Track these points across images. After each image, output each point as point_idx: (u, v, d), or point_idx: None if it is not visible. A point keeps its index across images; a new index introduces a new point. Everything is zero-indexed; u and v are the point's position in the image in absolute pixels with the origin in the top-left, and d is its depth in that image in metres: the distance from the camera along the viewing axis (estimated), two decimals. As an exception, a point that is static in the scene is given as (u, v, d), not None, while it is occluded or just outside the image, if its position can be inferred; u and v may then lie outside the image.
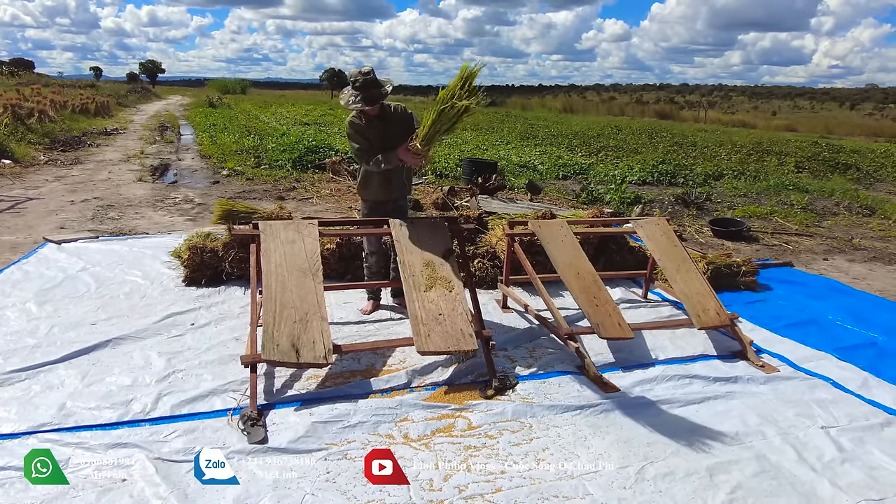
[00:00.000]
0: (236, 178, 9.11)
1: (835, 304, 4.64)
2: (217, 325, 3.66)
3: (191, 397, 2.79)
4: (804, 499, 2.31)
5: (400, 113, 3.65)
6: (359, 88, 3.42)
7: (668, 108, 43.00)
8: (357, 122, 3.60)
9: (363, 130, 3.59)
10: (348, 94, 3.47)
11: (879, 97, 76.06)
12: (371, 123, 3.58)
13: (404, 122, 3.63)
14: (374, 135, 3.58)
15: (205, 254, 4.35)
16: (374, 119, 3.57)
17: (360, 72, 3.45)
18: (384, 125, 3.59)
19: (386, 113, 3.60)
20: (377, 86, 3.47)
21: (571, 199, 8.71)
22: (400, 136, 3.55)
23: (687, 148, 16.48)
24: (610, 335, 3.35)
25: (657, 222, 4.26)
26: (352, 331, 3.71)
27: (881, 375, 3.41)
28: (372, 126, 3.58)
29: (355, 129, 3.60)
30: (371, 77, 3.44)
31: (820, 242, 6.91)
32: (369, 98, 3.42)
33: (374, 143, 3.58)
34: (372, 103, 3.44)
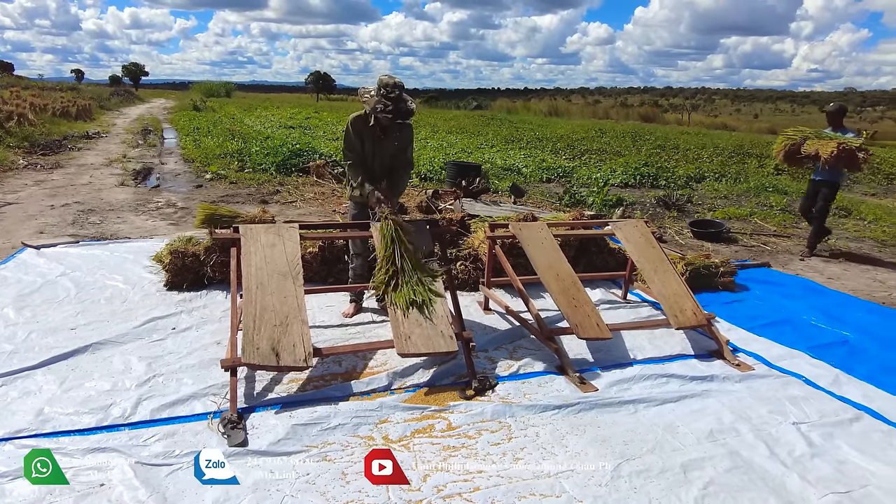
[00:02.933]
0: (219, 182, 9.08)
1: (809, 303, 4.73)
2: (198, 329, 3.66)
3: (171, 401, 2.79)
4: (774, 493, 2.37)
5: (403, 128, 3.67)
6: (392, 100, 3.42)
7: (651, 111, 43.44)
8: (360, 122, 3.62)
9: (361, 133, 3.61)
10: (375, 100, 3.46)
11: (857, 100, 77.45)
12: (373, 129, 3.61)
13: (402, 137, 3.70)
14: (370, 140, 3.63)
15: (186, 258, 4.34)
16: (378, 127, 3.59)
17: (395, 83, 3.45)
18: (384, 137, 3.64)
19: (394, 126, 3.61)
20: (406, 101, 3.50)
21: (554, 202, 8.79)
22: (393, 150, 3.67)
23: (670, 150, 16.67)
24: (588, 335, 3.41)
25: (636, 224, 4.33)
26: (333, 334, 3.72)
27: (852, 372, 3.49)
28: (373, 131, 3.62)
29: (355, 130, 3.62)
30: (403, 91, 3.48)
31: (797, 243, 7.04)
32: (398, 112, 3.45)
33: (366, 149, 3.65)
34: (401, 117, 3.48)
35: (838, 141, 5.93)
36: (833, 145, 5.88)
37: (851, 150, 5.84)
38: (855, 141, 5.95)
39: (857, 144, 5.89)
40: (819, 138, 6.14)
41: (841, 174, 6.29)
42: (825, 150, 5.92)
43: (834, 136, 6.08)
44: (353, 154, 3.65)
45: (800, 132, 6.43)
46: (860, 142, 5.95)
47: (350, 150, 3.66)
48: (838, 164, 5.96)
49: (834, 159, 5.87)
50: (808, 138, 6.23)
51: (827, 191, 6.28)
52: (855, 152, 5.85)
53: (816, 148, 6.01)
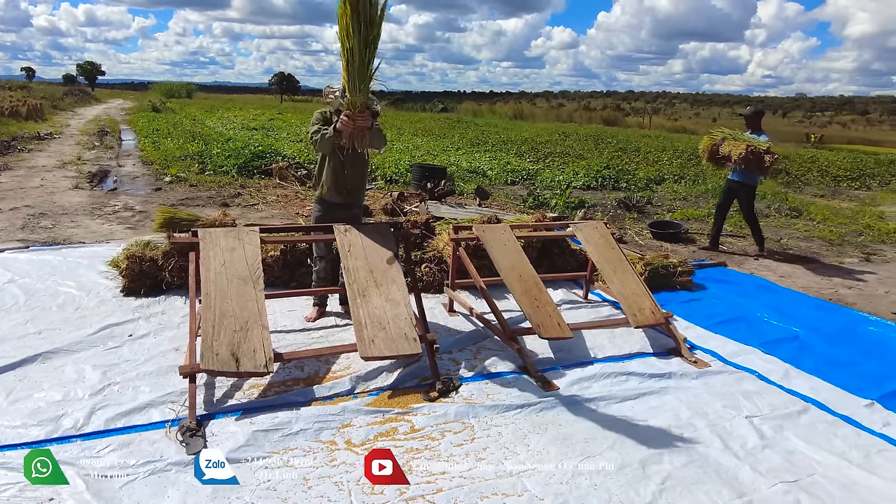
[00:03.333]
0: (179, 185, 8.88)
1: (763, 301, 4.90)
2: (156, 336, 3.58)
3: (127, 410, 2.72)
4: (727, 485, 2.45)
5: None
6: None
7: (614, 115, 44.31)
8: (326, 115, 3.59)
9: (328, 122, 3.57)
10: (339, 101, 3.42)
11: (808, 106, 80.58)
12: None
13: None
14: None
15: (144, 263, 4.23)
16: None
17: None
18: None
19: None
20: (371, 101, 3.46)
21: (519, 204, 8.88)
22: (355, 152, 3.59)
23: (631, 153, 17.02)
24: (550, 335, 3.45)
25: (596, 226, 4.41)
26: (296, 338, 3.68)
27: (801, 366, 3.64)
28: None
29: (323, 116, 3.59)
30: None
31: (752, 243, 7.27)
32: None
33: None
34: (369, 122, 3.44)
35: (747, 143, 6.09)
36: (742, 147, 6.05)
37: (759, 152, 6.01)
38: (763, 144, 6.11)
39: (765, 147, 6.05)
40: (735, 140, 6.28)
41: (754, 176, 6.43)
42: (735, 152, 6.09)
43: (748, 139, 6.23)
44: (319, 127, 3.54)
45: (720, 133, 6.55)
46: (767, 145, 6.12)
47: (316, 124, 3.56)
48: (748, 166, 6.11)
49: (743, 161, 6.05)
50: (726, 139, 6.38)
51: (744, 193, 6.46)
52: (762, 155, 6.01)
53: (730, 149, 6.17)
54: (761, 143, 6.12)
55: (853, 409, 3.15)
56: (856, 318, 4.67)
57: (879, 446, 2.83)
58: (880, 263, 6.69)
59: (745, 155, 6.02)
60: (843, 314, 4.75)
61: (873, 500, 2.43)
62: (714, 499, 2.36)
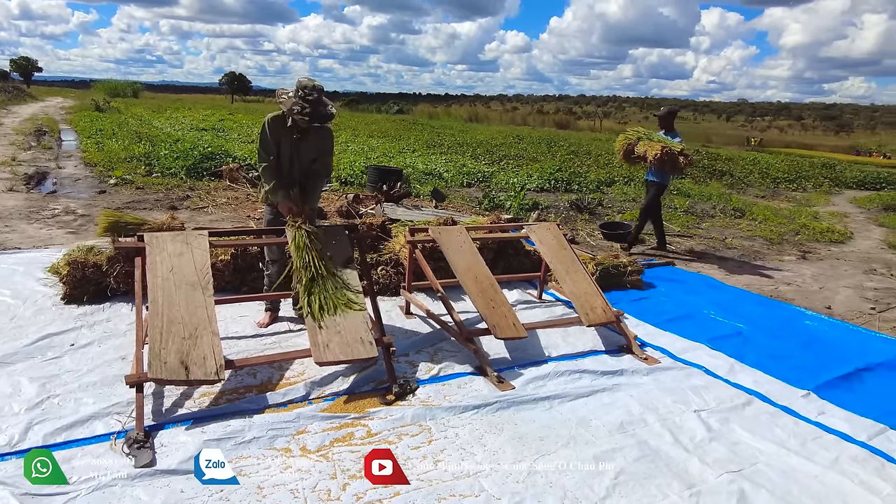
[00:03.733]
0: (125, 188, 8.55)
1: (709, 298, 5.09)
2: (101, 345, 3.43)
3: (68, 423, 2.60)
4: (677, 477, 2.53)
5: (323, 132, 3.62)
6: (310, 102, 3.34)
7: (566, 119, 45.22)
8: (277, 123, 3.51)
9: (278, 134, 3.52)
10: (293, 101, 3.37)
11: (749, 111, 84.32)
12: (291, 130, 3.50)
13: (321, 141, 3.64)
14: (287, 142, 3.55)
15: (87, 269, 4.05)
16: (296, 128, 3.49)
17: (314, 85, 3.38)
18: (302, 139, 3.55)
19: (312, 129, 3.53)
20: (325, 104, 3.44)
21: (474, 206, 8.94)
22: (311, 153, 3.60)
23: (582, 156, 17.38)
24: (506, 335, 3.49)
25: (548, 227, 4.49)
26: (248, 345, 3.60)
27: (745, 361, 3.79)
28: (290, 133, 3.52)
29: (272, 131, 3.51)
30: (323, 94, 3.42)
31: (699, 242, 7.55)
32: (316, 115, 3.38)
33: (283, 152, 3.56)
34: (318, 121, 3.41)
35: (662, 144, 6.24)
36: (658, 148, 6.20)
37: (674, 153, 6.17)
38: (678, 145, 6.27)
39: (679, 149, 6.22)
40: (650, 140, 6.42)
41: (667, 175, 6.60)
42: (651, 152, 6.25)
43: (662, 140, 6.39)
44: (268, 155, 3.56)
45: (635, 133, 6.68)
46: (682, 146, 6.30)
47: (265, 151, 3.56)
48: (663, 166, 6.29)
49: (658, 161, 6.23)
50: (640, 139, 6.52)
51: (654, 190, 6.62)
52: (677, 156, 6.17)
53: (645, 149, 6.32)
54: (675, 145, 6.25)
55: (791, 400, 3.30)
56: (794, 313, 4.91)
57: (815, 434, 2.99)
58: (815, 261, 7.05)
59: (661, 156, 6.17)
60: (782, 309, 4.98)
61: (809, 484, 2.56)
62: (665, 491, 2.43)
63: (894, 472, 2.71)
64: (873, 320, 4.98)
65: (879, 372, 3.78)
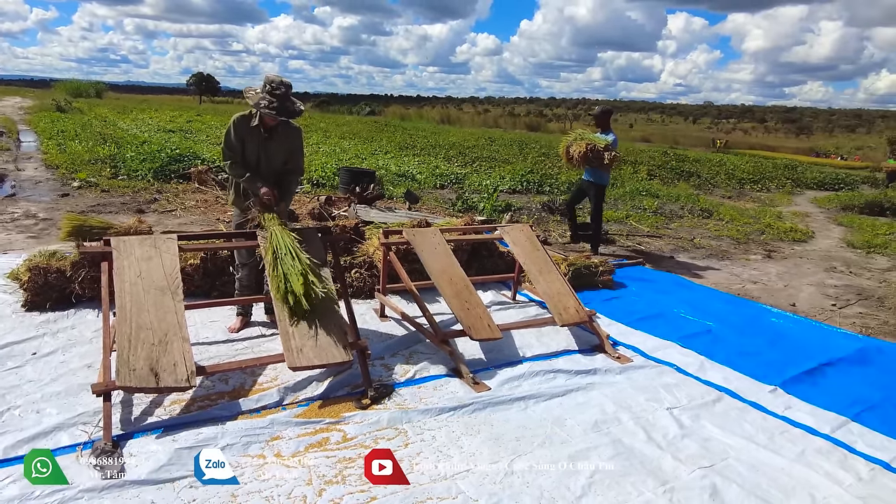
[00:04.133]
0: (89, 191, 8.31)
1: (679, 297, 5.19)
2: (65, 353, 3.33)
3: (30, 436, 2.51)
4: (651, 474, 2.57)
5: (291, 131, 3.60)
6: (277, 97, 3.33)
7: (537, 121, 45.65)
8: (243, 122, 3.48)
9: (244, 133, 3.48)
10: (260, 96, 3.36)
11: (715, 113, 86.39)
12: (257, 131, 3.48)
13: (290, 140, 3.60)
14: (255, 144, 3.51)
15: (49, 274, 3.93)
16: (262, 127, 3.47)
17: (281, 80, 3.37)
18: (270, 138, 3.52)
19: (280, 128, 3.51)
20: (293, 101, 3.43)
21: (448, 208, 8.95)
22: (280, 153, 3.56)
23: (553, 158, 17.52)
24: (481, 336, 3.50)
25: (522, 228, 4.52)
26: (219, 350, 3.53)
27: (714, 358, 3.87)
28: (257, 133, 3.49)
29: (236, 129, 3.48)
30: (291, 90, 3.40)
31: (668, 242, 7.69)
32: (283, 110, 3.36)
33: (250, 152, 3.52)
34: (286, 115, 3.38)
35: (587, 142, 6.18)
36: (583, 146, 6.16)
37: (598, 150, 6.10)
38: (602, 141, 6.18)
39: (603, 145, 6.12)
40: (581, 139, 6.33)
41: (604, 175, 6.52)
42: (576, 150, 6.23)
43: (592, 138, 6.30)
44: (233, 154, 3.51)
45: (573, 134, 6.59)
46: (605, 142, 6.18)
47: (229, 149, 3.52)
48: (590, 164, 6.21)
49: (583, 158, 6.19)
50: (575, 139, 6.43)
51: (594, 192, 6.56)
52: (601, 152, 6.10)
53: (577, 149, 6.26)
54: (600, 141, 6.16)
55: (760, 396, 3.39)
56: (760, 311, 5.03)
57: (782, 428, 3.07)
58: (779, 259, 7.25)
59: (585, 153, 6.12)
60: (749, 307, 5.11)
61: (777, 477, 2.63)
62: (640, 489, 2.47)
63: (856, 462, 2.80)
64: (834, 316, 5.14)
65: (840, 366, 3.91)
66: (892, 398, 3.51)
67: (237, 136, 3.48)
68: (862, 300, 5.67)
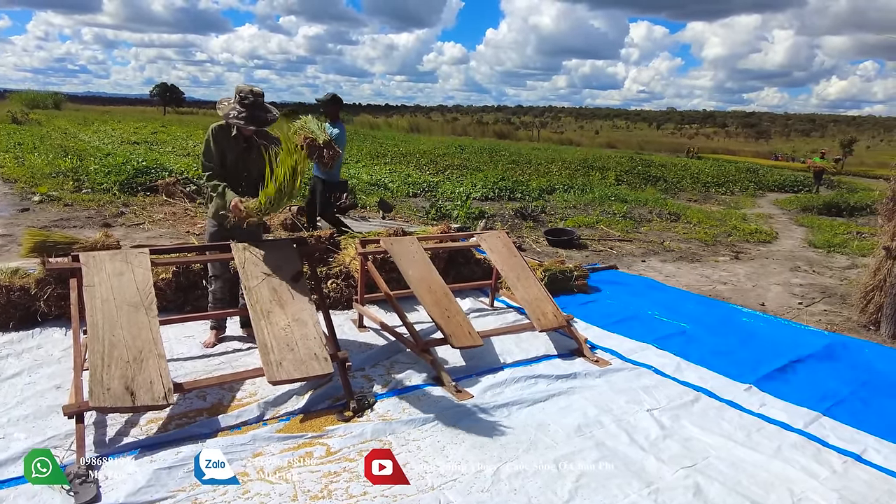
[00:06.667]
0: (51, 205, 8.05)
1: (652, 299, 5.27)
2: (31, 374, 3.20)
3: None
4: (636, 476, 2.59)
5: (270, 141, 3.51)
6: (246, 106, 3.31)
7: (505, 129, 46.10)
8: (221, 135, 3.44)
9: (223, 146, 3.44)
10: (230, 106, 3.35)
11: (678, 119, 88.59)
12: (236, 140, 3.44)
13: (269, 150, 3.53)
14: (235, 153, 3.47)
15: (12, 293, 3.78)
16: (242, 137, 3.44)
17: (251, 90, 3.35)
18: (248, 148, 3.47)
19: (257, 138, 3.45)
20: (265, 110, 3.40)
21: (422, 216, 8.95)
22: (260, 163, 3.47)
23: (523, 165, 17.75)
24: (462, 344, 3.50)
25: (498, 235, 4.54)
26: (195, 366, 3.45)
27: (689, 358, 3.94)
28: (236, 143, 3.45)
29: (215, 139, 3.44)
30: (262, 99, 3.37)
31: (638, 246, 7.83)
32: (254, 119, 3.33)
33: (230, 162, 3.47)
34: (256, 125, 3.35)
35: (306, 133, 5.08)
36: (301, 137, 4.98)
37: (317, 144, 4.93)
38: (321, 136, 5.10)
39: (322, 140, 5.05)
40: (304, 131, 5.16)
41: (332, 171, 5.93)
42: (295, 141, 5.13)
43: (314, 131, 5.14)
44: (212, 164, 3.46)
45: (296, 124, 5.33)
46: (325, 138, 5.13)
47: (207, 160, 3.47)
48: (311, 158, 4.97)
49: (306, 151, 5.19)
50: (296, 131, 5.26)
51: (320, 187, 6.25)
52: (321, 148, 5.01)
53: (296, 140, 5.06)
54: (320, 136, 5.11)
55: (735, 394, 3.46)
56: (731, 311, 5.15)
57: (758, 425, 3.14)
58: (746, 260, 7.44)
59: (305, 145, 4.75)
60: (720, 308, 5.23)
61: (756, 473, 2.68)
62: (625, 491, 2.49)
63: (830, 456, 2.88)
64: (801, 314, 5.30)
65: (809, 363, 4.02)
66: (859, 392, 3.63)
67: (216, 147, 3.43)
68: (826, 298, 5.86)
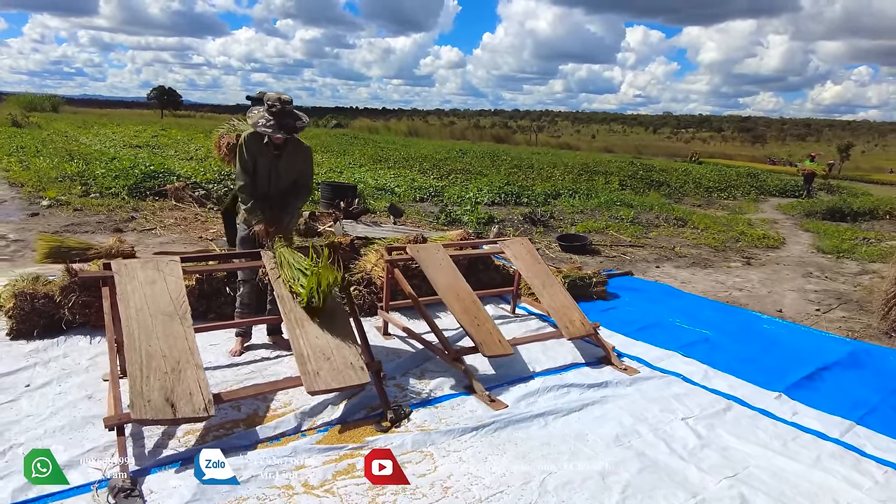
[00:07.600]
0: (61, 209, 7.99)
1: (671, 306, 5.27)
2: (61, 384, 3.16)
3: (39, 474, 2.37)
4: (680, 486, 2.58)
5: (301, 150, 3.55)
6: (275, 114, 3.29)
7: (503, 133, 46.18)
8: (253, 142, 3.42)
9: (255, 153, 3.42)
10: (259, 114, 3.33)
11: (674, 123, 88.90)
12: (268, 148, 3.42)
13: (299, 159, 3.55)
14: (266, 161, 3.45)
15: (36, 300, 3.74)
16: (273, 146, 3.41)
17: (279, 97, 3.32)
18: (280, 157, 3.46)
19: (288, 145, 3.44)
20: (294, 117, 3.38)
21: (432, 221, 8.93)
22: (291, 172, 3.51)
23: (525, 170, 17.75)
24: (493, 353, 3.48)
25: (521, 242, 4.53)
26: (224, 375, 3.42)
27: (716, 366, 3.93)
28: (267, 152, 3.43)
29: (248, 149, 3.42)
30: (290, 106, 3.34)
31: (650, 252, 7.83)
32: (284, 127, 3.31)
33: (262, 169, 3.46)
34: (285, 132, 3.32)
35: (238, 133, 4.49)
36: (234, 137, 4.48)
37: None
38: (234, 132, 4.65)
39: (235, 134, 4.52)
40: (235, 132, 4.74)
41: None
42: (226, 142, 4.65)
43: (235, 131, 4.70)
44: (246, 174, 3.44)
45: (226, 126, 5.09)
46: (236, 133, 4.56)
47: (243, 170, 3.45)
48: None
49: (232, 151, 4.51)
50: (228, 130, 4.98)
51: None
52: None
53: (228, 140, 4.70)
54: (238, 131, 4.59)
55: (767, 402, 3.45)
56: (751, 318, 5.15)
57: (793, 434, 3.13)
58: (758, 266, 7.45)
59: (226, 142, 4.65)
60: (740, 314, 5.22)
61: (799, 483, 2.67)
62: (671, 501, 2.47)
63: (870, 466, 2.87)
64: (820, 321, 5.30)
65: (836, 370, 4.02)
66: (889, 400, 3.62)
67: (249, 155, 3.41)
68: (842, 304, 5.87)
